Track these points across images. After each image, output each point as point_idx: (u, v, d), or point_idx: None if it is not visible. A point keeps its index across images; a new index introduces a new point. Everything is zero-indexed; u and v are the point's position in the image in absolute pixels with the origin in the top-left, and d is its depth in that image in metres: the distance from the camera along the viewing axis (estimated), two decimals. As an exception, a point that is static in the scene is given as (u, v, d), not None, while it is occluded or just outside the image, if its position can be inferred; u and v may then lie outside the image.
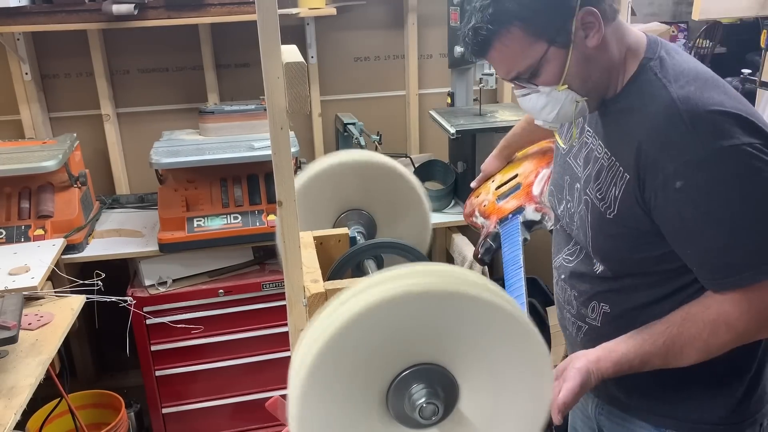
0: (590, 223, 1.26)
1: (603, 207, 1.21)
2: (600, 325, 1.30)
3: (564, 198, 1.36)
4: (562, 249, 1.40)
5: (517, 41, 1.13)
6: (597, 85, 1.19)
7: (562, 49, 1.14)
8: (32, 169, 2.35)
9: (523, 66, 1.16)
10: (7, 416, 1.49)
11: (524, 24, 1.12)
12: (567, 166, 1.36)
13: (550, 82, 1.17)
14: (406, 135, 3.18)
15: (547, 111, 1.21)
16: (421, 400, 0.83)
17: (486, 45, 1.15)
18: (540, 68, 1.16)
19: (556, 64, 1.15)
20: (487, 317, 0.83)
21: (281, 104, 0.95)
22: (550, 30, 1.13)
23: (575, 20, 1.12)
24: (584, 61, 1.15)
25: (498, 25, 1.12)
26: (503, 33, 1.13)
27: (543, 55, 1.14)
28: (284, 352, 2.59)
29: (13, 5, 2.41)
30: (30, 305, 1.96)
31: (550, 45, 1.13)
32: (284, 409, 1.20)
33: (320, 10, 2.74)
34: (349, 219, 1.43)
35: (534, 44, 1.13)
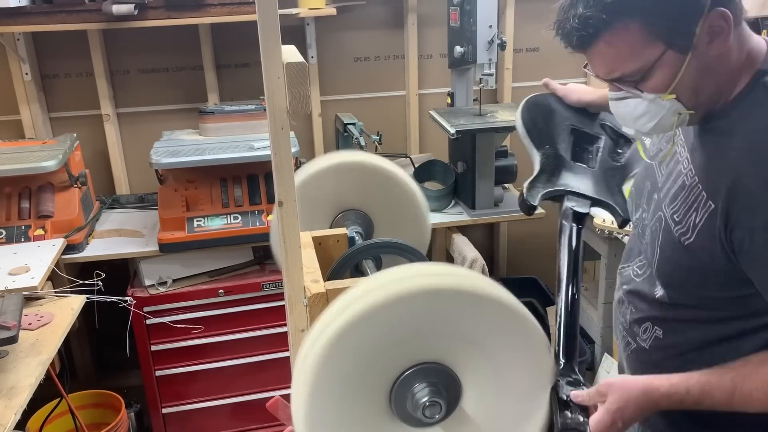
0: (660, 244, 1.13)
1: (678, 231, 1.08)
2: (649, 349, 1.21)
3: (641, 205, 1.24)
4: (633, 259, 1.27)
5: (631, 39, 0.99)
6: (708, 98, 1.04)
7: (681, 55, 0.99)
8: (32, 169, 2.35)
9: (631, 68, 1.02)
10: (7, 416, 1.49)
11: (646, 20, 0.97)
12: (650, 170, 1.23)
13: (658, 89, 1.03)
14: (406, 135, 3.17)
15: (644, 120, 1.07)
16: (425, 399, 0.83)
17: (593, 38, 1.01)
18: (651, 72, 1.01)
19: (670, 71, 1.01)
20: (488, 315, 0.83)
21: (281, 104, 0.95)
22: (673, 31, 0.98)
23: (703, 23, 0.97)
24: (701, 70, 1.01)
25: (614, 17, 0.97)
26: (619, 27, 0.98)
27: (658, 58, 1.00)
28: (284, 352, 2.59)
29: (13, 5, 2.41)
30: (30, 305, 1.96)
31: (668, 48, 0.99)
32: (285, 409, 1.20)
33: (320, 10, 2.74)
34: (346, 219, 1.43)
35: (650, 45, 0.99)
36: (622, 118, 1.12)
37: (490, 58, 2.52)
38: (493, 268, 3.36)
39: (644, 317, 1.21)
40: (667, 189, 1.14)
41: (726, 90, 1.04)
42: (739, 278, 1.02)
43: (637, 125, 1.09)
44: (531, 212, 1.39)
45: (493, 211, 2.67)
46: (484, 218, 2.68)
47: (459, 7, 2.60)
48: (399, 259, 1.26)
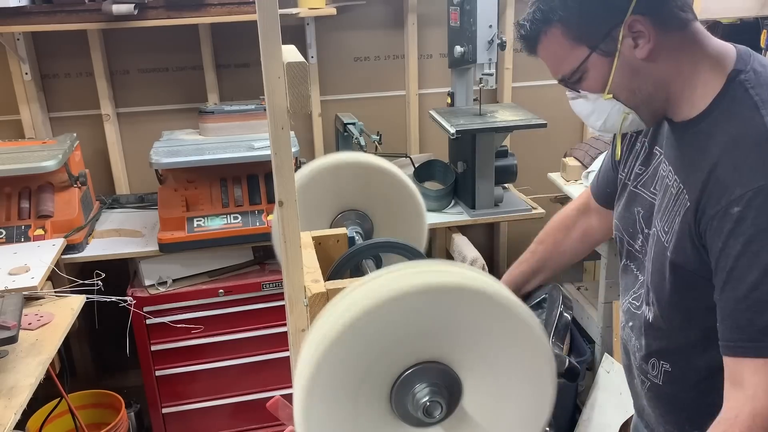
0: (652, 258, 1.16)
1: (667, 241, 1.10)
2: (662, 384, 1.21)
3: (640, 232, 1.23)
4: (628, 291, 1.28)
5: (557, 42, 1.08)
6: (651, 99, 1.09)
7: (607, 58, 1.06)
8: (32, 169, 2.35)
9: (566, 69, 1.10)
10: (7, 416, 1.49)
11: (565, 25, 1.06)
12: (635, 196, 1.24)
13: (593, 89, 1.10)
14: (406, 135, 3.17)
15: (594, 118, 1.14)
16: (425, 399, 0.83)
17: (531, 42, 1.11)
18: (583, 74, 1.09)
19: (600, 72, 1.08)
20: (489, 314, 0.83)
21: (282, 104, 0.95)
22: (594, 35, 1.05)
23: (623, 27, 1.03)
24: (631, 73, 1.07)
25: (541, 24, 1.07)
26: (545, 32, 1.08)
27: (584, 60, 1.07)
28: (284, 352, 2.59)
29: (13, 5, 2.41)
30: (30, 305, 1.96)
31: (592, 51, 1.06)
32: (285, 409, 1.20)
33: (320, 10, 2.74)
34: (346, 219, 1.43)
35: (574, 48, 1.07)
36: (579, 116, 1.19)
37: (490, 58, 2.52)
38: (493, 268, 3.36)
39: (649, 353, 1.21)
40: (658, 205, 1.16)
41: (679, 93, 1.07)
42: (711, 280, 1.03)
43: (589, 122, 1.16)
44: None
45: (493, 211, 2.67)
46: (484, 218, 2.68)
47: (459, 7, 2.60)
48: (399, 259, 1.26)
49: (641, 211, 1.22)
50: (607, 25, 1.04)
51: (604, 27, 1.04)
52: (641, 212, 1.22)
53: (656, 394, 1.23)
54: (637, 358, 1.25)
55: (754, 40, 2.50)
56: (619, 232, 1.30)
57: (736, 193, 0.96)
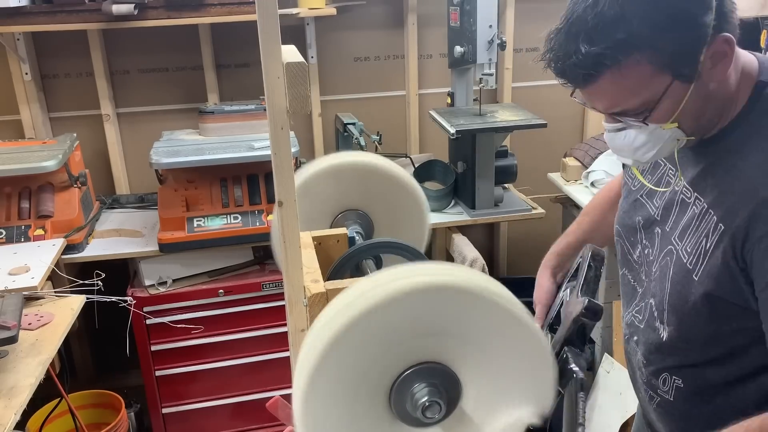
0: (671, 278, 1.09)
1: (690, 263, 1.04)
2: (673, 400, 1.16)
3: (639, 242, 1.19)
4: (630, 303, 1.24)
5: (639, 73, 0.94)
6: (709, 123, 1.02)
7: (685, 84, 0.95)
8: (32, 169, 2.35)
9: (636, 101, 0.97)
10: (7, 416, 1.49)
11: (655, 53, 0.92)
12: (638, 205, 1.20)
13: (661, 119, 0.99)
14: (406, 135, 3.17)
15: (644, 150, 1.03)
16: (424, 399, 0.83)
17: (600, 74, 0.94)
18: (657, 104, 0.97)
19: (674, 101, 0.97)
20: (488, 314, 0.83)
21: (281, 104, 0.95)
22: (679, 61, 0.93)
23: (707, 49, 0.93)
24: (704, 97, 0.97)
25: (626, 53, 0.92)
26: (629, 63, 0.93)
27: (665, 90, 0.95)
28: (284, 352, 2.59)
29: (13, 5, 2.41)
30: (30, 305, 1.96)
31: (675, 78, 0.95)
32: (285, 409, 1.20)
33: (320, 10, 2.74)
34: (347, 219, 1.43)
35: (656, 77, 0.94)
36: (620, 149, 1.07)
37: (490, 58, 2.52)
38: (493, 268, 3.36)
39: (660, 368, 1.17)
40: (674, 221, 1.09)
41: (726, 111, 1.01)
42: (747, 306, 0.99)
43: (636, 156, 1.06)
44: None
45: (493, 211, 2.67)
46: (484, 218, 2.68)
47: (459, 7, 2.60)
48: (399, 259, 1.26)
49: (641, 221, 1.18)
50: (694, 47, 0.93)
51: (689, 50, 0.93)
52: (641, 222, 1.18)
53: (667, 410, 1.19)
54: (644, 373, 1.21)
55: (754, 40, 2.50)
56: (620, 238, 1.26)
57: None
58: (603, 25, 0.91)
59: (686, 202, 1.07)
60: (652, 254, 1.16)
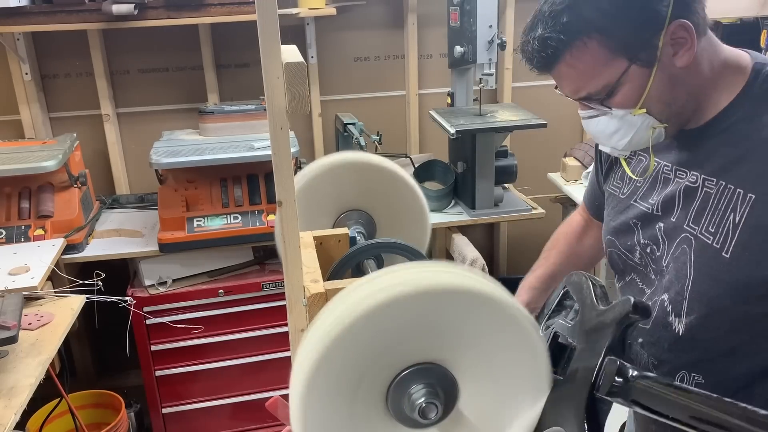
0: (694, 264, 1.05)
1: (717, 242, 1.01)
2: None
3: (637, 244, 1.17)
4: None
5: (592, 56, 0.98)
6: (682, 110, 1.02)
7: (645, 68, 0.98)
8: (32, 169, 2.35)
9: (596, 85, 1.00)
10: (7, 416, 1.49)
11: (604, 36, 0.96)
12: (631, 209, 1.18)
13: (626, 104, 1.01)
14: (406, 135, 3.18)
15: (617, 137, 1.05)
16: (421, 400, 0.83)
17: (554, 58, 1.00)
18: (617, 89, 0.99)
19: (636, 85, 0.99)
20: (486, 315, 0.83)
21: (281, 104, 0.95)
22: (634, 45, 0.96)
23: (664, 35, 0.96)
24: (670, 83, 0.99)
25: (572, 36, 0.96)
26: (578, 46, 0.97)
27: (622, 74, 0.98)
28: (284, 352, 2.59)
29: (13, 5, 2.41)
30: (30, 305, 1.96)
31: (632, 63, 0.97)
32: (284, 409, 1.20)
33: (320, 10, 2.74)
34: (349, 219, 1.43)
35: (613, 61, 0.97)
36: (596, 137, 1.09)
37: (490, 58, 2.52)
38: (493, 268, 3.36)
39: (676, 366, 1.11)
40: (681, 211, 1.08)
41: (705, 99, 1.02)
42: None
43: (611, 143, 1.07)
44: None
45: (493, 211, 2.67)
46: (484, 218, 2.68)
47: (459, 7, 2.60)
48: (400, 259, 1.26)
49: (638, 222, 1.17)
50: (648, 33, 0.96)
51: (645, 34, 0.96)
52: (638, 223, 1.17)
53: None
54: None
55: (754, 40, 2.50)
56: (614, 249, 1.23)
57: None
58: (554, 12, 0.98)
59: (692, 188, 1.05)
60: (658, 250, 1.13)
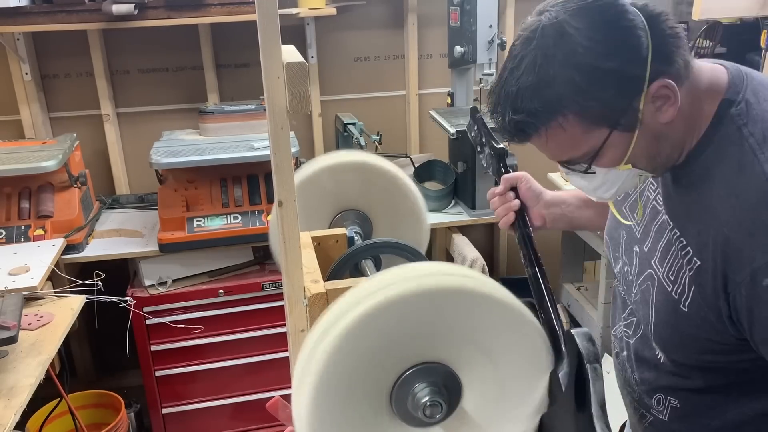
0: (655, 306, 1.04)
1: (675, 292, 0.99)
2: (668, 420, 1.10)
3: (620, 258, 1.16)
4: (619, 316, 1.20)
5: (570, 131, 0.93)
6: (668, 159, 0.99)
7: (627, 132, 0.93)
8: (32, 169, 2.35)
9: (577, 153, 0.97)
10: (7, 416, 1.49)
11: (581, 111, 0.91)
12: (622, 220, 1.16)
13: (610, 165, 0.98)
14: (406, 135, 3.17)
15: (603, 190, 1.02)
16: (425, 399, 0.83)
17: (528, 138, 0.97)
18: (599, 155, 0.96)
19: (620, 148, 0.95)
20: (489, 315, 0.83)
21: (281, 104, 0.95)
22: (614, 113, 0.92)
23: (645, 96, 0.91)
24: (654, 139, 0.95)
25: (546, 118, 0.92)
26: (553, 125, 0.92)
27: (604, 141, 0.94)
28: (284, 352, 2.59)
29: (13, 5, 2.41)
30: (30, 305, 1.96)
31: (613, 129, 0.93)
32: (284, 409, 1.20)
33: (320, 10, 2.74)
34: (345, 219, 1.43)
35: (592, 132, 0.93)
36: (580, 188, 1.06)
37: (490, 58, 2.52)
38: (493, 268, 3.36)
39: (654, 388, 1.11)
40: (652, 244, 1.06)
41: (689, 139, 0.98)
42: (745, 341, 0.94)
43: (597, 194, 1.04)
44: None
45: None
46: (484, 218, 2.68)
47: (459, 7, 2.60)
48: (398, 259, 1.26)
49: (624, 236, 1.15)
50: (627, 99, 0.91)
51: (622, 102, 0.91)
52: (624, 237, 1.15)
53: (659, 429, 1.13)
54: (637, 391, 1.15)
55: (754, 40, 2.50)
56: (607, 249, 1.23)
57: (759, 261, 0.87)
58: (522, 93, 0.91)
59: (664, 226, 1.03)
60: (631, 273, 1.12)
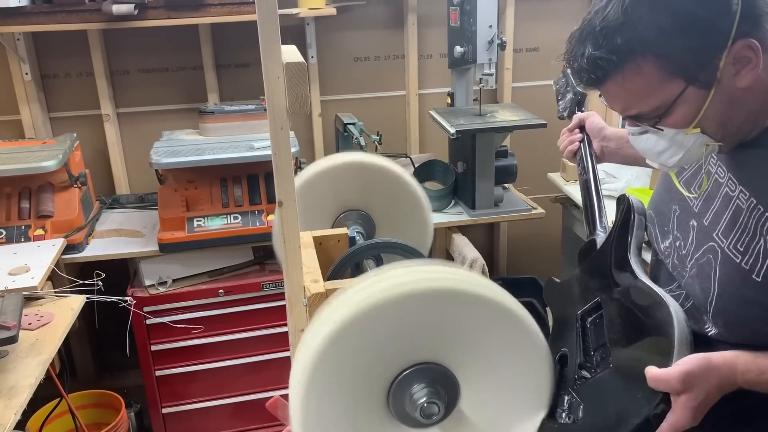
0: (719, 279, 1.00)
1: (746, 262, 0.96)
2: None
3: (670, 232, 1.12)
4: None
5: (646, 78, 0.92)
6: (739, 129, 0.96)
7: (703, 90, 0.92)
8: (32, 169, 2.35)
9: (649, 106, 0.95)
10: (7, 416, 1.49)
11: (660, 57, 0.90)
12: (675, 192, 1.12)
13: (679, 125, 0.95)
14: (406, 135, 3.17)
15: (667, 155, 1.00)
16: (422, 400, 0.83)
17: (604, 79, 0.94)
18: (671, 110, 0.94)
19: (692, 106, 0.93)
20: (487, 316, 0.83)
21: (281, 104, 0.95)
22: (693, 66, 0.90)
23: (727, 55, 0.89)
24: (728, 104, 0.93)
25: (626, 58, 0.91)
26: (631, 68, 0.91)
27: (678, 95, 0.92)
28: (284, 352, 2.59)
29: (13, 5, 2.41)
30: (30, 305, 1.96)
31: (689, 84, 0.91)
32: (284, 409, 1.20)
33: (320, 10, 2.74)
34: (348, 219, 1.43)
35: (668, 82, 0.92)
36: (643, 153, 1.04)
37: (490, 58, 2.52)
38: (493, 268, 3.36)
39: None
40: (715, 216, 1.02)
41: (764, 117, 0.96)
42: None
43: (659, 160, 1.02)
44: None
45: (493, 211, 2.67)
46: (484, 218, 2.68)
47: (459, 7, 2.60)
48: (400, 259, 1.26)
49: (677, 210, 1.11)
50: (709, 53, 0.89)
51: (704, 55, 0.90)
52: (677, 211, 1.11)
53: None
54: None
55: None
56: (651, 224, 1.18)
57: None
58: (606, 30, 0.91)
59: (730, 196, 1.00)
60: (685, 248, 1.08)
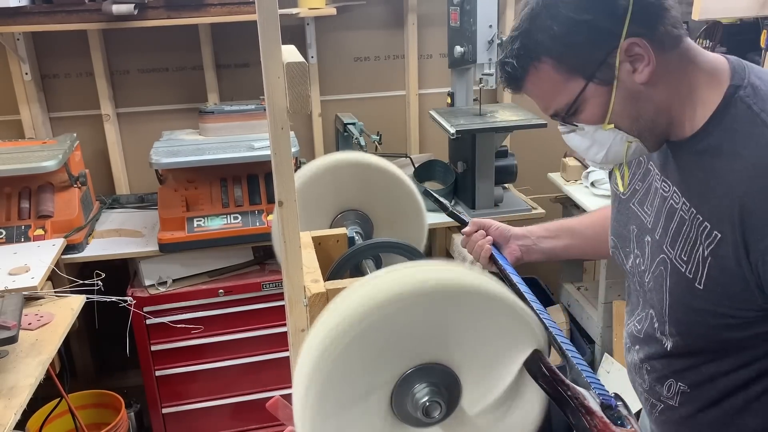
0: (669, 288, 1.06)
1: (689, 271, 1.02)
2: (678, 406, 1.13)
3: (631, 252, 1.18)
4: (633, 313, 1.23)
5: (548, 78, 1.01)
6: (653, 124, 1.02)
7: (605, 86, 0.99)
8: (32, 169, 2.35)
9: (560, 103, 1.03)
10: (7, 416, 1.49)
11: (555, 59, 0.99)
12: (631, 213, 1.18)
13: (592, 121, 1.03)
14: (406, 135, 3.17)
15: (593, 152, 1.08)
16: (425, 399, 0.83)
17: (517, 81, 1.04)
18: (579, 106, 1.02)
19: (598, 102, 1.01)
20: (488, 314, 0.84)
21: (281, 104, 0.95)
22: (589, 65, 0.98)
23: (619, 52, 0.97)
24: (632, 99, 1.00)
25: (525, 61, 1.01)
26: (534, 68, 1.01)
27: (580, 92, 1.00)
28: (284, 352, 2.59)
29: (13, 5, 2.41)
30: (30, 305, 1.96)
31: (589, 81, 0.99)
32: (285, 409, 1.20)
33: (320, 10, 2.74)
34: (346, 219, 1.43)
35: (569, 81, 1.00)
36: (576, 151, 1.12)
37: (490, 58, 2.52)
38: (493, 268, 3.36)
39: (665, 375, 1.14)
40: (662, 228, 1.09)
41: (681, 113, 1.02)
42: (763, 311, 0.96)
43: (588, 156, 1.09)
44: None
45: (493, 211, 2.67)
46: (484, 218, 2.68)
47: (459, 7, 2.60)
48: (399, 259, 1.26)
49: (635, 230, 1.17)
50: (601, 52, 0.97)
51: (598, 54, 0.98)
52: (635, 230, 1.17)
53: (671, 418, 1.16)
54: (647, 380, 1.19)
55: (754, 40, 2.50)
56: (616, 249, 1.25)
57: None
58: (512, 36, 1.03)
59: (674, 208, 1.06)
60: (643, 264, 1.14)
